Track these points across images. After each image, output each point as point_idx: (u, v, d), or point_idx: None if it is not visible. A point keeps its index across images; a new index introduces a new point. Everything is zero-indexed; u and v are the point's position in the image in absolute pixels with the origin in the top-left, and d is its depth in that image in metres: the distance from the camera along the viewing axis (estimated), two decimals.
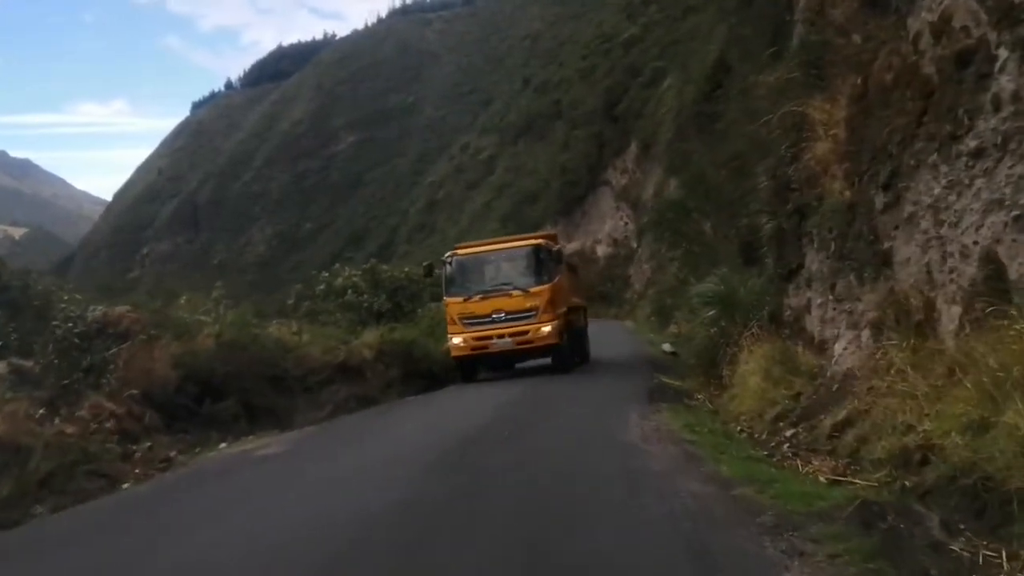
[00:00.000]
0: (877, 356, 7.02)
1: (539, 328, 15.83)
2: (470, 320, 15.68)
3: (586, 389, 12.55)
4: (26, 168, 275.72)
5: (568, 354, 16.81)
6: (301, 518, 5.05)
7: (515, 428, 8.87)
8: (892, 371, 6.66)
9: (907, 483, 5.14)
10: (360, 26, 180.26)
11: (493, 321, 15.76)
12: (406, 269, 21.54)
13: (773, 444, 7.67)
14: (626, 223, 65.94)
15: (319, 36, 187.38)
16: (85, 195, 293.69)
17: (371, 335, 13.89)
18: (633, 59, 67.50)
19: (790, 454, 7.07)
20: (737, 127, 18.80)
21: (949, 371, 5.62)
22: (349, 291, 20.10)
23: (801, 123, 9.08)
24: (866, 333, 7.44)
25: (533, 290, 16.14)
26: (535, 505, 4.88)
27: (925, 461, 5.18)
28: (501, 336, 15.80)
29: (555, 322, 16.17)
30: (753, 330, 10.63)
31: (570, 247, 75.11)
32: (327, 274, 21.21)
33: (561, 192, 71.39)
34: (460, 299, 15.96)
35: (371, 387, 12.63)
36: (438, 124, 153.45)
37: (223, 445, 8.11)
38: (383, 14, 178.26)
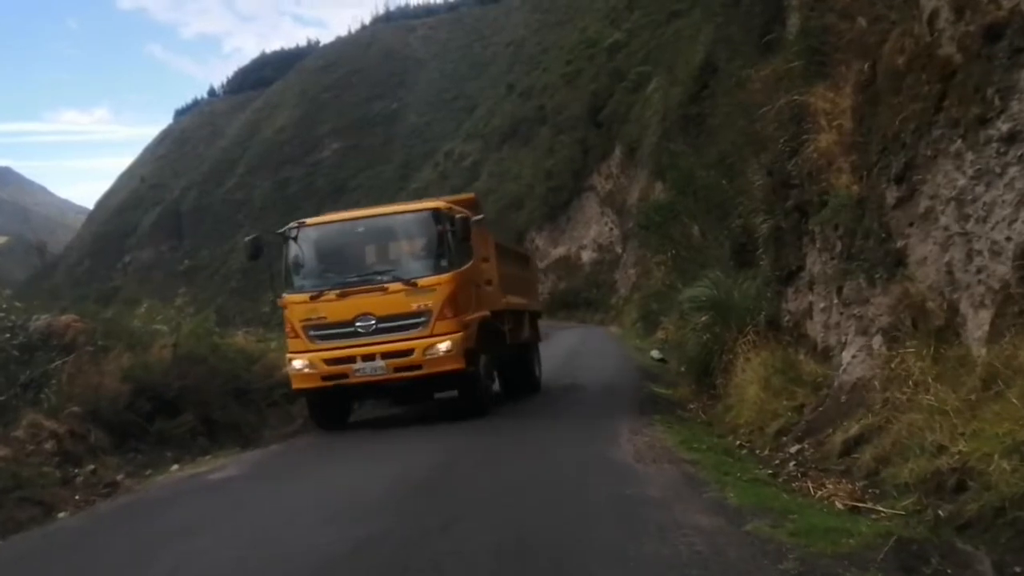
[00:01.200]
0: (892, 365, 6.37)
1: (432, 345, 10.16)
2: (320, 330, 10.21)
3: (574, 399, 11.85)
4: (6, 176, 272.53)
5: (483, 389, 11.04)
6: (246, 561, 4.32)
7: (500, 444, 8.18)
8: (911, 382, 6.01)
9: (941, 513, 4.47)
10: (343, 33, 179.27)
11: (356, 333, 10.19)
12: None
13: (778, 461, 7.00)
14: (611, 228, 65.44)
15: (302, 43, 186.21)
16: (67, 203, 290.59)
17: None
18: (618, 64, 67.10)
19: (798, 474, 6.40)
20: (727, 126, 18.24)
21: (984, 383, 4.97)
22: None
23: (801, 114, 8.45)
24: (878, 340, 6.79)
25: (423, 282, 10.37)
26: (515, 545, 4.17)
27: (962, 487, 4.51)
28: (369, 357, 10.12)
29: (459, 335, 10.31)
30: (749, 336, 9.99)
31: (556, 252, 74.55)
32: None
33: (546, 197, 70.85)
34: (305, 297, 10.45)
35: None
36: (423, 131, 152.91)
37: (175, 467, 7.36)
38: (367, 21, 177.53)
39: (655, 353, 19.48)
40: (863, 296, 7.05)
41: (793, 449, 7.05)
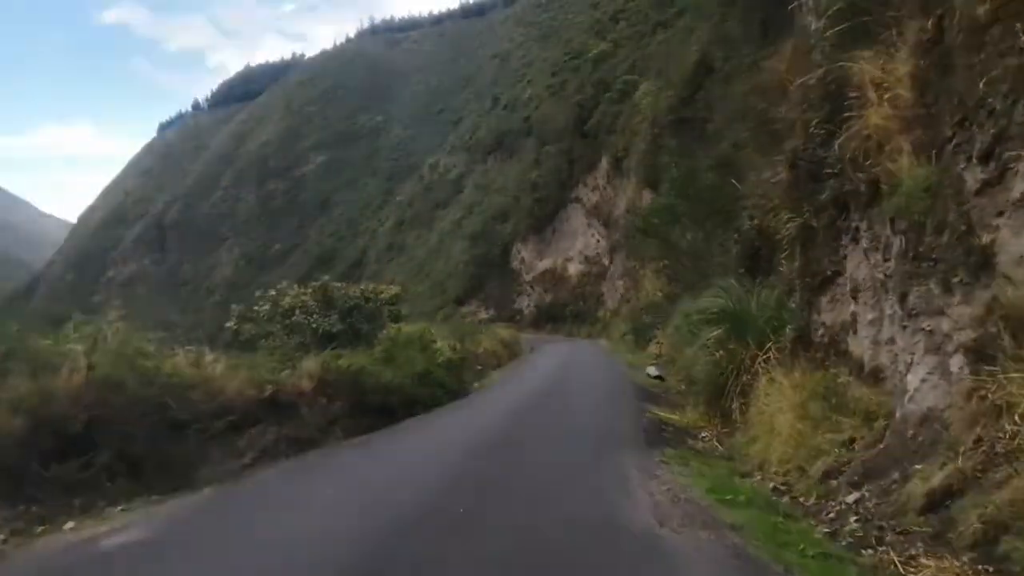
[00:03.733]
0: (981, 393, 4.91)
1: None
2: None
3: (570, 426, 10.24)
4: None
5: None
6: None
7: (478, 495, 6.68)
8: (1016, 416, 4.56)
9: None
10: (327, 47, 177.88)
11: None
12: (362, 287, 19.13)
13: (832, 514, 5.51)
14: (598, 240, 64.11)
15: (287, 57, 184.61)
16: (52, 219, 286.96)
17: (312, 362, 11.56)
18: (603, 74, 66.05)
19: (868, 535, 4.90)
20: (731, 123, 16.90)
21: None
22: (297, 311, 17.71)
23: (841, 89, 7.00)
24: (957, 360, 5.32)
25: None
26: None
27: None
28: None
29: None
30: (771, 354, 8.53)
31: (541, 265, 73.09)
32: (274, 292, 18.78)
33: (531, 210, 69.50)
34: None
35: (308, 427, 10.32)
36: (407, 144, 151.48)
37: (70, 524, 5.76)
38: (351, 35, 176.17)
39: (652, 370, 18.00)
40: (935, 305, 5.58)
41: (850, 499, 5.55)
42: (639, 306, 33.75)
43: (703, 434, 9.20)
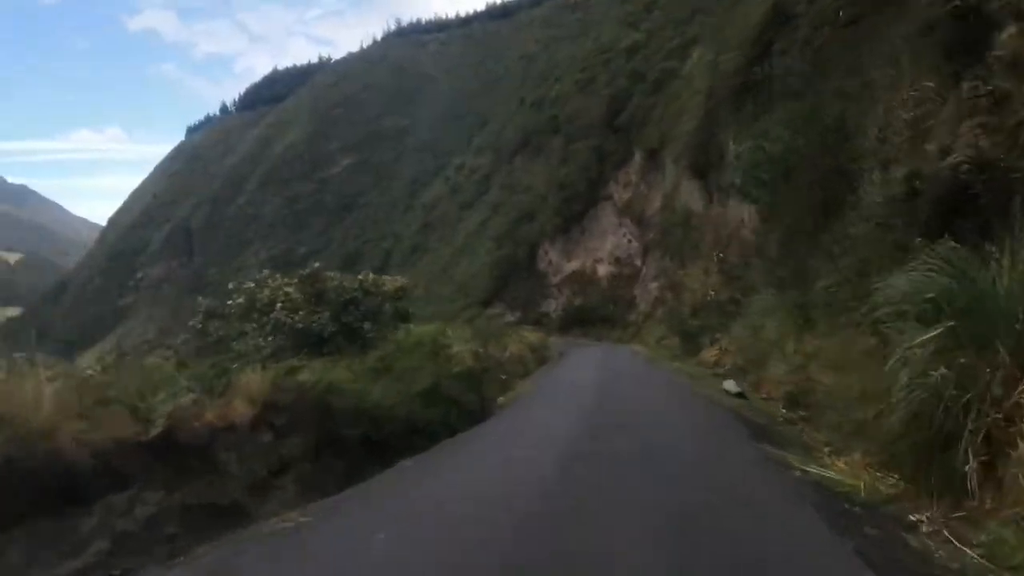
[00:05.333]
0: None
1: None
2: None
3: (665, 494, 5.91)
4: (23, 194, 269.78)
5: None
6: None
7: None
8: None
9: None
10: (353, 50, 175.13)
11: None
12: (360, 276, 15.08)
13: None
14: (629, 240, 59.78)
15: (313, 60, 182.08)
16: (83, 221, 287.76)
17: (254, 378, 7.53)
18: (636, 65, 61.82)
19: None
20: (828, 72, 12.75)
21: None
22: (279, 306, 13.75)
23: None
24: None
25: None
26: None
27: None
28: None
29: None
30: None
31: (570, 267, 68.81)
32: (251, 284, 14.84)
33: (559, 209, 65.33)
34: None
35: (231, 483, 6.30)
36: (433, 146, 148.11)
37: None
38: (378, 37, 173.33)
39: (730, 385, 13.76)
40: None
41: None
42: (684, 308, 29.49)
43: (915, 517, 5.00)
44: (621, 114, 59.11)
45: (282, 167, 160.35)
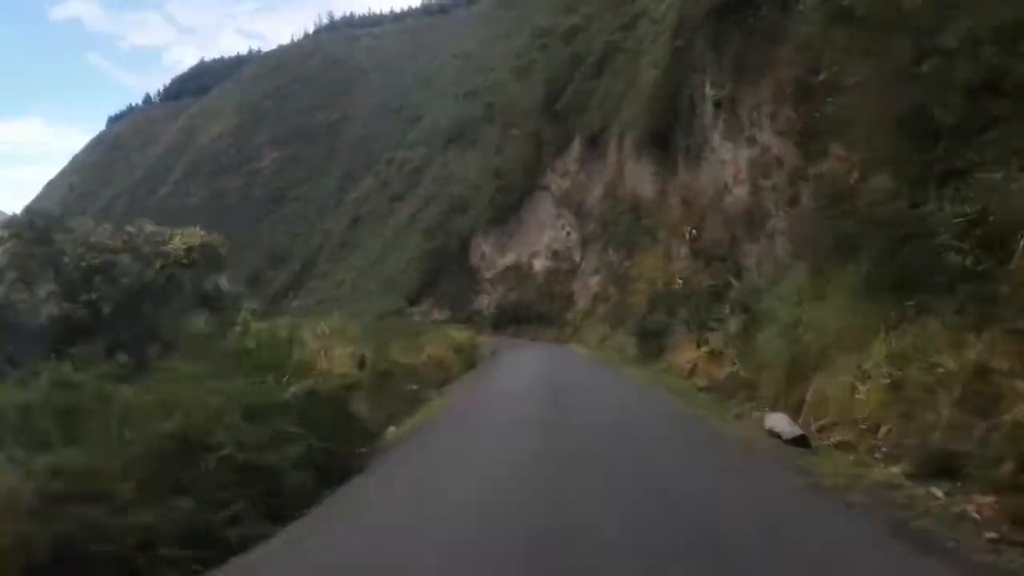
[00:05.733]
0: None
1: None
2: None
3: None
4: None
5: None
6: None
7: None
8: None
9: None
10: (285, 42, 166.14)
11: None
12: (130, 228, 8.88)
13: None
14: (568, 233, 54.26)
15: (243, 52, 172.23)
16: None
17: None
18: (576, 48, 56.28)
19: None
20: None
21: None
22: None
23: None
24: None
25: None
26: None
27: None
28: None
29: None
30: None
31: (504, 261, 62.89)
32: None
33: (493, 199, 59.43)
34: None
35: None
36: (366, 142, 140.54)
37: None
38: (310, 31, 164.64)
39: (779, 423, 7.93)
40: None
41: None
42: (638, 302, 23.92)
43: None
44: (560, 99, 53.51)
45: (208, 159, 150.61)
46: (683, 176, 20.37)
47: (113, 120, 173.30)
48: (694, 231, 17.46)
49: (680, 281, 18.69)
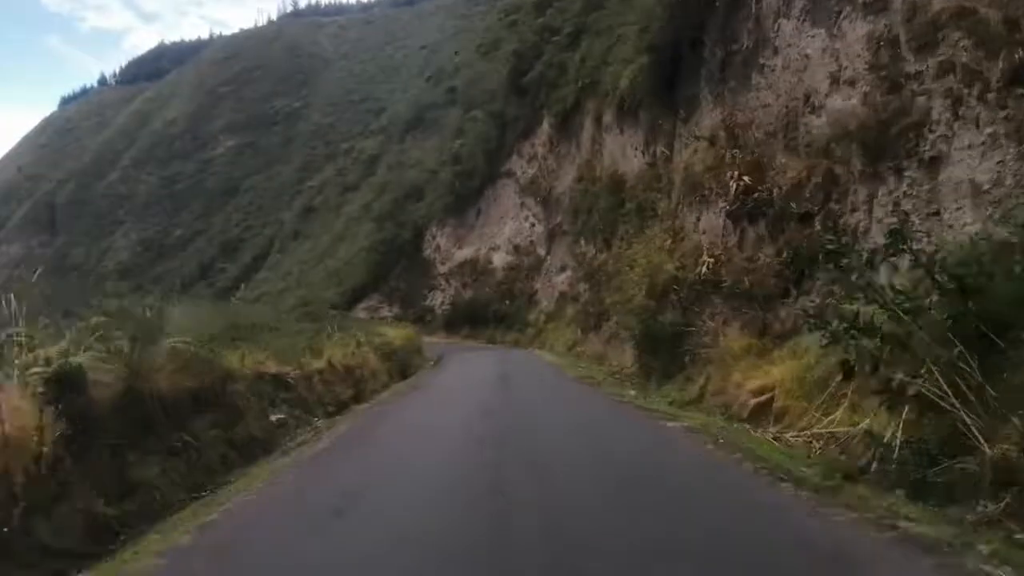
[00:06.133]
0: None
1: None
2: None
3: None
4: None
5: None
6: None
7: None
8: None
9: None
10: (246, 27, 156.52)
11: None
12: None
13: None
14: (533, 224, 46.95)
15: (204, 37, 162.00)
16: None
17: None
18: (548, 20, 49.15)
19: None
20: None
21: None
22: None
23: None
24: None
25: None
26: None
27: None
28: None
29: None
30: None
31: (461, 255, 55.24)
32: None
33: (451, 186, 51.89)
34: None
35: None
36: (326, 132, 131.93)
37: None
38: (274, 17, 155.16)
39: None
40: None
41: None
42: (631, 298, 16.65)
43: None
44: (528, 73, 46.18)
45: (160, 145, 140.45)
46: (710, 114, 13.25)
47: (66, 101, 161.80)
48: (743, 179, 10.36)
49: (710, 261, 11.56)
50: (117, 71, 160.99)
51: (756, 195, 9.97)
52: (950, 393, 4.59)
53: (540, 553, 4.24)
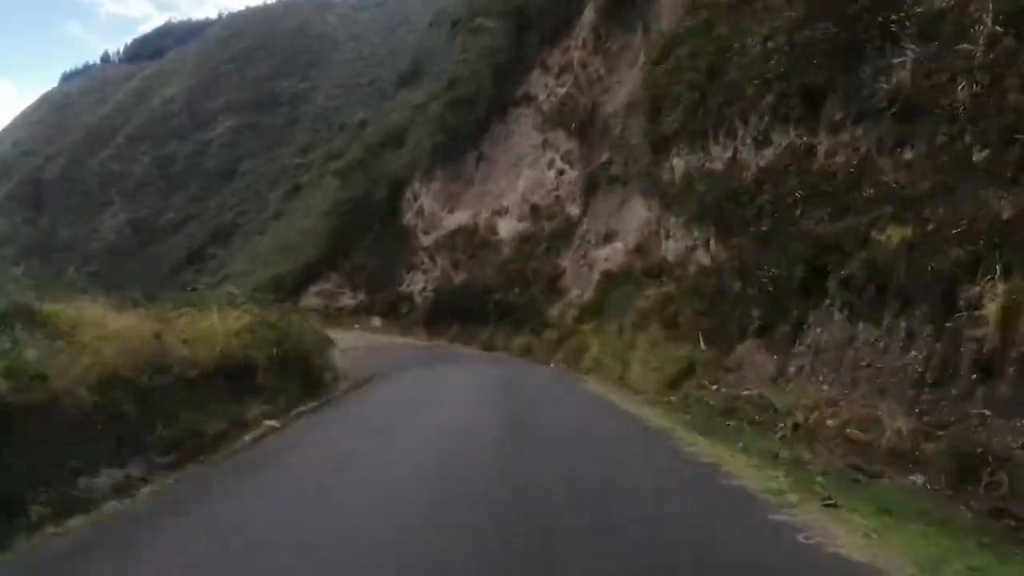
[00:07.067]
0: None
1: None
2: None
3: None
4: None
5: None
6: None
7: None
8: None
9: None
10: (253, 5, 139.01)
11: None
12: None
13: None
14: (560, 171, 28.17)
15: (212, 17, 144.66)
16: None
17: None
18: None
19: None
20: None
21: None
22: None
23: None
24: None
25: None
26: None
27: None
28: None
29: None
30: None
31: (452, 220, 34.39)
32: None
33: (442, 120, 33.33)
34: None
35: None
36: (330, 115, 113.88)
37: None
38: None
39: None
40: None
41: None
42: None
43: None
44: None
45: (157, 123, 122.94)
46: None
47: (67, 77, 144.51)
48: None
49: None
50: (121, 49, 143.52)
51: None
52: None
53: None
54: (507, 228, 30.71)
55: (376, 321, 33.94)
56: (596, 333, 20.74)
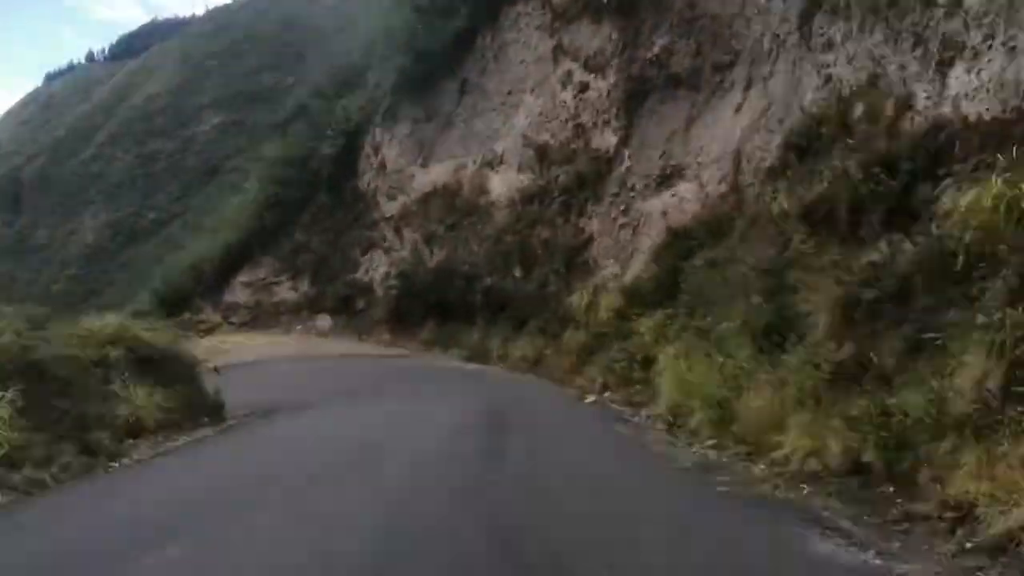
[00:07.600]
0: None
1: None
2: None
3: None
4: None
5: None
6: None
7: None
8: None
9: None
10: None
11: None
12: None
13: None
14: (584, 85, 17.47)
15: (199, 13, 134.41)
16: None
17: None
18: None
19: None
20: None
21: None
22: None
23: None
24: None
25: None
26: None
27: None
28: None
29: None
30: None
31: (428, 178, 24.10)
32: None
33: (412, 37, 22.67)
34: None
35: None
36: (318, 111, 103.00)
37: None
38: None
39: None
40: None
41: None
42: None
43: None
44: None
45: (140, 120, 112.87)
46: None
47: (51, 77, 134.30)
48: None
49: None
50: (107, 47, 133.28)
51: None
52: None
53: None
54: (502, 184, 20.11)
55: (324, 321, 23.57)
56: (662, 333, 10.26)
